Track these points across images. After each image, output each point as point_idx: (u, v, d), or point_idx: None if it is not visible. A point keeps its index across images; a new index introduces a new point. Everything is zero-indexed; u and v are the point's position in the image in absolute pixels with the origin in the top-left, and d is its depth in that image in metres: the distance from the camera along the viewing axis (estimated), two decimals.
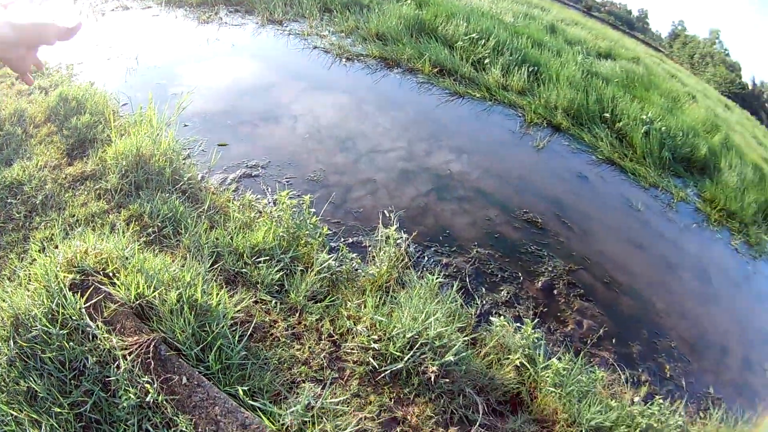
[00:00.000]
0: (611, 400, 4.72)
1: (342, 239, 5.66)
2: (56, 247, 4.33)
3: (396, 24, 12.82)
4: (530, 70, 12.04)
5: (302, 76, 10.14)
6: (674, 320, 6.84)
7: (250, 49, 11.45)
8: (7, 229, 4.94)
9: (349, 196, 6.50)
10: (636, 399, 4.99)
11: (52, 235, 4.78)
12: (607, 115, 11.40)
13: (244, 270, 4.58)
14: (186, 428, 3.18)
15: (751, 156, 17.30)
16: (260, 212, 5.60)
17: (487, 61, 11.96)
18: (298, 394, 3.65)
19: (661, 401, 4.85)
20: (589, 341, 5.67)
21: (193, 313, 3.76)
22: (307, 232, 5.04)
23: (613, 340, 5.85)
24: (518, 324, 5.01)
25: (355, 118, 8.72)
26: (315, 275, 4.68)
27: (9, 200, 5.31)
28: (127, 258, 4.13)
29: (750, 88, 69.43)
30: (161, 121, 6.45)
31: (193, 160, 6.42)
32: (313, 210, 5.20)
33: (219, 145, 6.88)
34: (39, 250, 4.40)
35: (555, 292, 6.16)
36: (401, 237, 5.43)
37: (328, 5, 14.86)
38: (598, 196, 8.80)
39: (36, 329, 3.53)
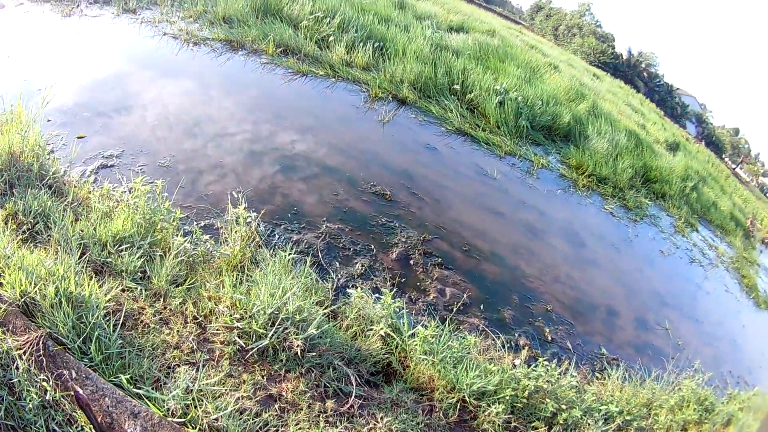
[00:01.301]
0: (490, 364, 4.94)
1: (195, 222, 5.82)
2: None
3: (242, 6, 12.97)
4: (375, 46, 12.30)
5: (152, 64, 10.23)
6: (548, 285, 7.16)
7: (104, 40, 11.38)
8: None
9: (199, 180, 6.65)
10: (517, 362, 5.27)
11: None
12: (457, 87, 11.68)
13: (109, 259, 4.65)
14: (85, 424, 3.28)
15: (624, 123, 18.14)
16: (118, 201, 5.58)
17: (331, 39, 12.19)
18: (175, 378, 3.81)
19: (546, 363, 5.09)
20: (454, 308, 5.90)
21: (70, 305, 3.87)
22: (162, 217, 5.19)
23: (481, 307, 6.12)
24: (377, 295, 5.23)
25: (201, 102, 8.86)
26: (173, 259, 4.83)
27: None
28: (9, 257, 4.16)
29: (625, 58, 71.64)
30: (29, 118, 6.42)
31: (56, 154, 6.38)
32: (165, 194, 5.34)
33: (77, 137, 6.92)
34: None
35: (411, 262, 6.39)
36: (250, 216, 5.57)
37: None
38: (449, 166, 9.03)
39: None
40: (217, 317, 4.44)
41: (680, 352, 7.35)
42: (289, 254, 5.13)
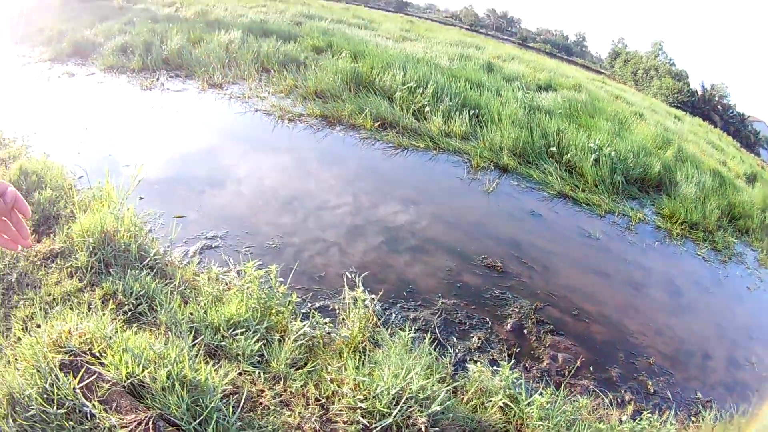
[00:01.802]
0: (599, 423, 4.88)
1: (310, 304, 5.70)
2: (38, 326, 4.36)
3: (334, 80, 12.98)
4: (471, 113, 12.16)
5: (248, 140, 10.27)
6: (650, 338, 6.95)
7: (193, 115, 11.52)
8: None
9: (310, 260, 6.55)
10: (623, 418, 5.12)
11: (33, 314, 4.72)
12: (554, 149, 11.50)
13: (223, 343, 4.59)
14: None
15: (708, 163, 17.57)
16: (228, 285, 5.52)
17: (427, 109, 12.08)
18: None
19: (649, 415, 5.01)
20: (567, 373, 5.77)
21: (184, 388, 3.78)
22: (278, 301, 5.11)
23: (591, 368, 5.97)
24: (495, 367, 5.15)
25: (304, 180, 8.80)
26: (292, 343, 4.73)
27: None
28: (110, 338, 4.15)
29: (700, 94, 70.85)
30: (120, 196, 6.48)
31: (154, 234, 6.44)
32: (280, 279, 5.25)
33: (176, 217, 6.94)
34: (22, 329, 4.44)
35: (525, 331, 6.24)
36: (368, 297, 5.44)
37: (265, 65, 15.19)
38: (554, 231, 8.89)
39: (33, 408, 3.54)
40: (340, 399, 4.33)
41: (765, 383, 7.11)
42: (409, 333, 5.01)
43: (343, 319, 5.35)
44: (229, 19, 25.84)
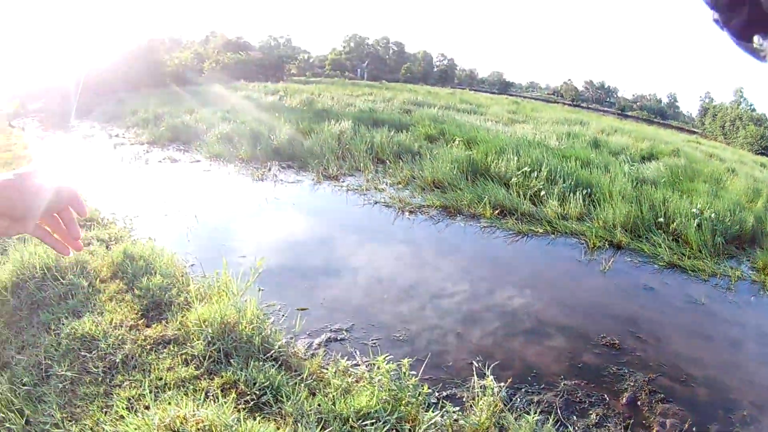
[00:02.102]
0: None
1: (438, 393, 5.66)
2: (147, 407, 4.42)
3: (450, 169, 13.09)
4: (584, 193, 12.14)
5: (369, 232, 10.35)
6: (745, 392, 6.81)
7: (310, 207, 11.71)
8: (83, 381, 4.98)
9: (437, 349, 6.50)
10: None
11: (140, 395, 4.76)
12: (661, 219, 11.43)
13: None
14: None
15: None
16: (357, 378, 5.49)
17: (543, 193, 12.10)
18: None
19: None
20: None
21: None
22: (409, 393, 5.06)
23: (694, 430, 5.86)
24: None
25: (427, 271, 8.77)
26: None
27: (82, 352, 5.38)
28: (232, 426, 4.16)
29: None
30: (240, 288, 6.50)
31: (277, 326, 6.43)
32: (413, 373, 5.26)
33: (299, 309, 6.92)
34: (126, 408, 4.47)
35: (639, 403, 6.20)
36: (496, 386, 5.40)
37: (380, 156, 15.45)
38: (664, 302, 8.78)
39: None
40: None
41: None
42: (533, 416, 5.03)
43: (471, 405, 5.32)
44: (337, 108, 26.54)
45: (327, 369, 5.43)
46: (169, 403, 4.44)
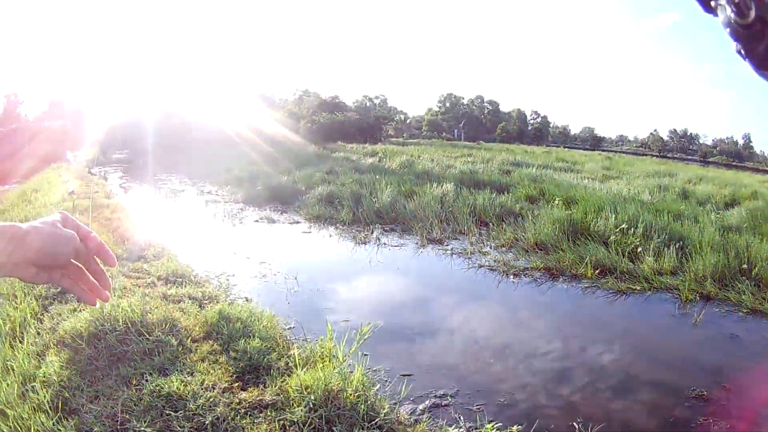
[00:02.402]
0: None
1: None
2: None
3: (552, 230, 13.19)
4: (677, 246, 12.13)
5: (474, 296, 10.42)
6: None
7: (415, 270, 11.85)
8: None
9: (543, 415, 6.49)
10: None
11: None
12: (745, 266, 11.31)
13: None
14: None
15: None
16: None
17: (639, 249, 12.10)
18: None
19: None
20: None
21: None
22: None
23: None
24: None
25: (531, 335, 8.81)
26: None
27: (166, 411, 5.27)
28: None
29: None
30: (344, 353, 6.41)
31: (381, 392, 6.34)
32: None
33: (403, 375, 6.93)
34: None
35: None
36: None
37: (483, 218, 15.60)
38: (747, 349, 8.74)
39: None
40: None
41: None
42: None
43: None
44: (437, 170, 26.72)
45: None
46: None
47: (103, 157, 45.76)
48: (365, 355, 6.98)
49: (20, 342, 6.81)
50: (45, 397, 5.32)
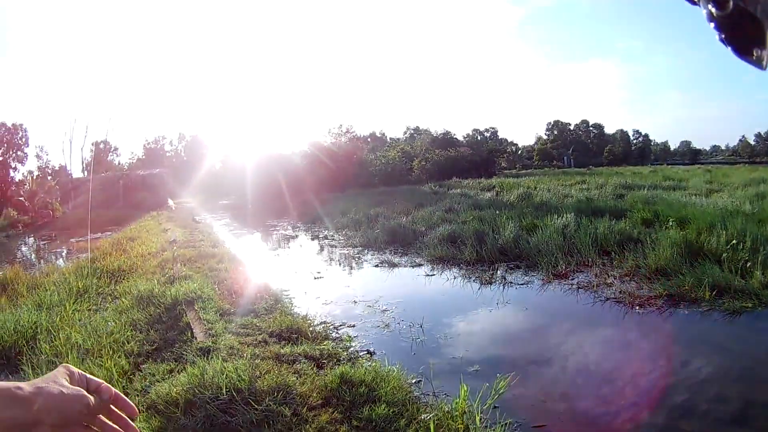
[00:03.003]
0: None
1: None
2: None
3: (671, 253, 12.96)
4: None
5: (603, 333, 10.28)
6: None
7: (542, 309, 11.76)
8: None
9: None
10: None
11: None
12: None
13: None
14: None
15: None
16: None
17: (749, 264, 11.82)
18: None
19: None
20: None
21: None
22: None
23: None
24: None
25: (656, 371, 8.42)
26: None
27: None
28: None
29: None
30: (479, 413, 6.11)
31: None
32: None
33: (535, 427, 6.67)
34: None
35: None
36: None
37: (604, 247, 15.25)
38: None
39: None
40: None
41: None
42: None
43: None
44: (555, 201, 26.53)
45: None
46: None
47: (208, 204, 46.21)
48: (496, 407, 6.68)
49: None
50: None
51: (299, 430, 5.90)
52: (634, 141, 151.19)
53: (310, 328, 9.69)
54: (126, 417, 1.41)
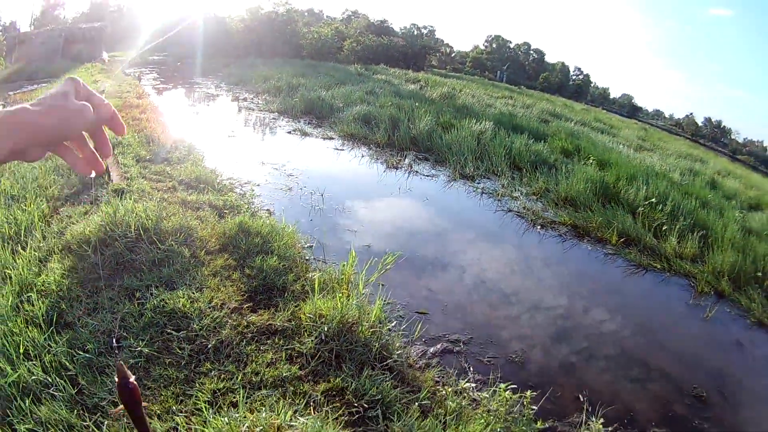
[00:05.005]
0: None
1: (548, 425, 5.57)
2: (234, 405, 4.17)
3: (584, 188, 13.14)
4: (700, 234, 12.00)
5: (499, 241, 10.48)
6: None
7: (443, 204, 11.92)
8: (162, 361, 4.67)
9: (548, 380, 6.39)
10: None
11: (228, 389, 4.43)
12: (759, 274, 11.16)
13: None
14: None
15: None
16: (476, 402, 5.29)
17: (665, 227, 12.00)
18: None
19: None
20: None
21: None
22: (523, 426, 4.94)
23: None
24: None
25: (552, 293, 8.72)
26: None
27: (168, 330, 5.05)
28: None
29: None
30: (363, 282, 6.18)
31: (395, 330, 6.16)
32: (534, 408, 5.20)
33: (418, 312, 6.82)
34: (208, 402, 4.19)
35: None
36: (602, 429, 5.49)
37: (517, 163, 15.50)
38: (748, 359, 8.67)
39: None
40: None
41: None
42: None
43: None
44: (477, 108, 26.38)
45: (444, 389, 5.29)
46: (263, 404, 4.19)
47: (140, 59, 45.47)
48: (382, 285, 6.79)
49: (22, 249, 6.47)
50: (40, 309, 5.13)
51: (195, 272, 6.19)
52: (573, 77, 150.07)
53: (217, 181, 9.92)
54: (107, 137, 1.36)
